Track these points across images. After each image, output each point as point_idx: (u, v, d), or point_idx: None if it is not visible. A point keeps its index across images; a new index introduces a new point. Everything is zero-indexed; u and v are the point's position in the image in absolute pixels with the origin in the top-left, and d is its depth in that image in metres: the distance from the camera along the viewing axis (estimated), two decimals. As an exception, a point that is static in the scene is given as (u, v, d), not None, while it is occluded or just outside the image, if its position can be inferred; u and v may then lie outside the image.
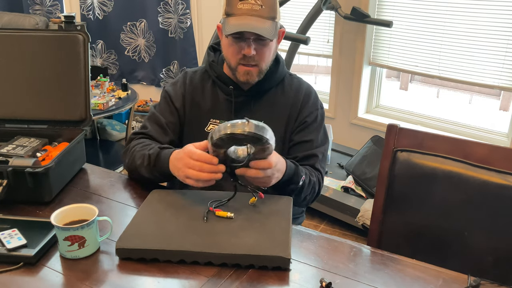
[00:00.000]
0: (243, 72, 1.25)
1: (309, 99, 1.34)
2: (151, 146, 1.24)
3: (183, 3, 3.58)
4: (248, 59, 1.22)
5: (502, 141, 2.63)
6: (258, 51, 1.22)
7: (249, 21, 1.17)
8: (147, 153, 1.21)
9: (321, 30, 3.09)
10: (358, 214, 2.35)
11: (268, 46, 1.24)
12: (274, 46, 1.28)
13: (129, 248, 0.94)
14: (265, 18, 1.19)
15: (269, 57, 1.27)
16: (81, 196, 1.22)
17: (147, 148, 1.23)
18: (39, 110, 1.39)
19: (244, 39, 1.20)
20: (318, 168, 1.31)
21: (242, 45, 1.21)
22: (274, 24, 1.21)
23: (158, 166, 1.17)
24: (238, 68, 1.25)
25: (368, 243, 1.30)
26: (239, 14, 1.18)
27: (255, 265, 0.93)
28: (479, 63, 2.52)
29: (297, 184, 1.20)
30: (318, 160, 1.32)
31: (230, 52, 1.25)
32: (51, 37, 1.38)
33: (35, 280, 0.90)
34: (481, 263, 1.14)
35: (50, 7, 3.96)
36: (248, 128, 0.98)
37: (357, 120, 3.07)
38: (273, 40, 1.23)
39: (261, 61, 1.24)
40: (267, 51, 1.24)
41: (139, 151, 1.24)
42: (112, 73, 4.00)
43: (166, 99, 1.35)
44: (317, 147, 1.32)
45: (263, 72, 1.27)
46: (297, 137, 1.32)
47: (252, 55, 1.21)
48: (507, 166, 1.12)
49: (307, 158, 1.30)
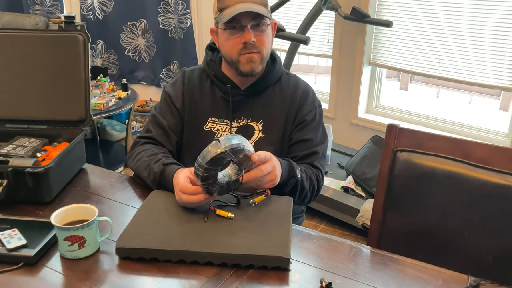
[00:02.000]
0: (246, 59, 1.23)
1: (307, 97, 1.34)
2: (156, 157, 1.23)
3: (183, 3, 3.59)
4: (250, 47, 1.22)
5: (502, 141, 2.63)
6: (257, 37, 1.22)
7: (244, 5, 1.18)
8: (152, 166, 1.20)
9: (321, 30, 3.09)
10: (358, 214, 2.35)
11: (266, 32, 1.24)
12: (271, 35, 1.28)
13: (129, 248, 0.94)
14: (258, 4, 1.20)
15: (269, 43, 1.26)
16: (81, 196, 1.22)
17: (153, 160, 1.22)
18: (39, 110, 1.39)
19: (241, 28, 1.20)
20: (317, 165, 1.32)
21: (240, 35, 1.21)
22: (268, 10, 1.23)
23: (163, 183, 1.17)
24: (240, 59, 1.23)
25: (368, 243, 1.30)
26: (232, 4, 1.19)
27: (255, 265, 0.93)
28: (479, 63, 2.52)
29: (296, 177, 1.20)
30: (317, 157, 1.32)
31: (230, 45, 1.23)
32: (51, 37, 1.38)
33: (35, 280, 0.90)
34: (481, 263, 1.14)
35: (50, 7, 3.96)
36: (222, 144, 0.99)
37: (357, 120, 3.07)
38: (270, 24, 1.24)
39: (262, 47, 1.24)
40: (266, 38, 1.24)
41: (145, 161, 1.23)
42: (112, 73, 4.00)
43: (167, 100, 1.36)
44: (316, 145, 1.32)
45: (265, 60, 1.27)
46: (296, 136, 1.32)
47: (252, 42, 1.21)
48: (507, 166, 1.12)
49: (306, 157, 1.31)
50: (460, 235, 1.17)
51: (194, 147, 1.34)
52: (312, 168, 1.31)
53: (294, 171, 1.21)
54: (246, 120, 1.31)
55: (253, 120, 1.31)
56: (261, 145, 1.30)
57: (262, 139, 1.31)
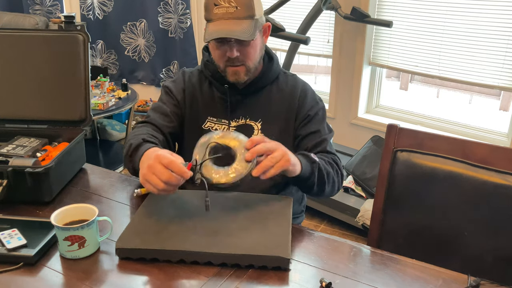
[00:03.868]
0: (231, 72, 1.26)
1: (306, 94, 1.35)
2: (140, 136, 1.18)
3: (183, 3, 3.58)
4: (233, 60, 1.23)
5: (502, 141, 2.63)
6: (241, 51, 1.23)
7: (225, 26, 1.18)
8: (131, 141, 1.16)
9: (321, 30, 3.09)
10: (358, 214, 2.35)
11: (251, 45, 1.24)
12: (259, 42, 1.27)
13: (129, 248, 0.94)
14: (242, 19, 1.19)
15: (255, 54, 1.26)
16: (81, 196, 1.22)
17: (137, 138, 1.18)
18: (39, 110, 1.39)
19: (226, 42, 1.22)
20: (330, 151, 1.30)
21: (225, 48, 1.23)
22: (253, 23, 1.20)
23: (133, 157, 1.13)
24: (226, 70, 1.26)
25: (368, 243, 1.30)
26: (216, 19, 1.19)
27: (255, 265, 0.93)
28: (479, 63, 2.52)
29: (315, 161, 1.18)
30: (328, 144, 1.31)
31: (217, 56, 1.26)
32: (51, 37, 1.38)
33: (35, 280, 0.90)
34: (481, 263, 1.14)
35: (50, 7, 3.96)
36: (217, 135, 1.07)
37: (357, 120, 3.07)
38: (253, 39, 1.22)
39: (246, 60, 1.25)
40: (251, 50, 1.24)
41: (128, 140, 1.20)
42: (112, 73, 4.00)
43: (168, 92, 1.36)
44: (325, 134, 1.33)
45: (251, 70, 1.27)
46: (303, 131, 1.32)
47: (236, 57, 1.22)
48: (507, 166, 1.12)
49: (317, 145, 1.30)
50: (460, 235, 1.17)
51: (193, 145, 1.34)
52: (326, 154, 1.29)
53: (309, 157, 1.19)
54: (245, 120, 1.32)
55: (252, 119, 1.32)
56: None
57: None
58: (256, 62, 1.28)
